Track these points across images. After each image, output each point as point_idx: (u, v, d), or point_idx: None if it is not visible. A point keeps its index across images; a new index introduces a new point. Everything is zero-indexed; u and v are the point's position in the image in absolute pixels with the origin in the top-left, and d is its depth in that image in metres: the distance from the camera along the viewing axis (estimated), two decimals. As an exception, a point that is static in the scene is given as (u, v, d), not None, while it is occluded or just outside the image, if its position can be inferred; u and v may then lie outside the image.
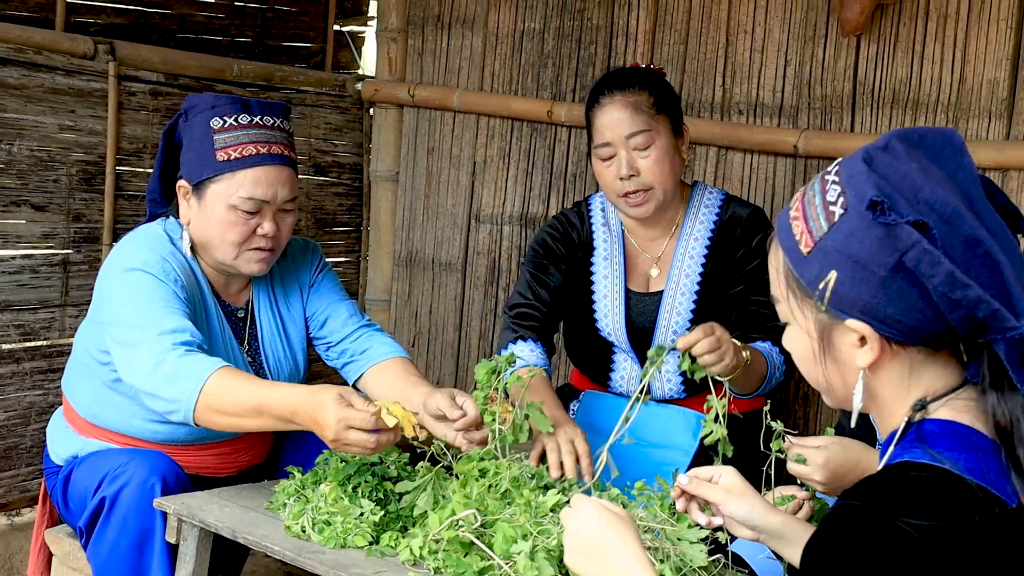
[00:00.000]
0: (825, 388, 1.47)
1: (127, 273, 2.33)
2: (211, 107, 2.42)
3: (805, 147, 3.22)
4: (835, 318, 1.37)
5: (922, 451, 1.32)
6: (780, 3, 3.30)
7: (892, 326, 1.33)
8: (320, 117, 4.08)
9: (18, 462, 3.29)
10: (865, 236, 1.31)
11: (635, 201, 2.62)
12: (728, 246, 2.71)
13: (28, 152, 3.22)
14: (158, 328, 2.23)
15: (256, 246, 2.42)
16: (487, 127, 3.93)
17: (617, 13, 3.60)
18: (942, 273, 1.26)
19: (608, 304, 2.76)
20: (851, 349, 1.38)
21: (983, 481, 1.28)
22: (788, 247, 1.41)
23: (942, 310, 1.29)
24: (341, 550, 1.99)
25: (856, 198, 1.32)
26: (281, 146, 2.44)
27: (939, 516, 1.24)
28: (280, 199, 2.42)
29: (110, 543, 2.28)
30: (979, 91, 2.99)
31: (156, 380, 2.19)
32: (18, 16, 3.32)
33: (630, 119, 2.59)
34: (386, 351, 2.61)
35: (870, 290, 1.32)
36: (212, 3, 3.83)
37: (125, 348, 2.27)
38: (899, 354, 1.37)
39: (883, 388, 1.40)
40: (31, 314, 3.29)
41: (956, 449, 1.31)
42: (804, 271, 1.38)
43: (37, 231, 3.28)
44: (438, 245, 4.09)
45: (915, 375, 1.38)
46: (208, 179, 2.39)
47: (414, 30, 4.08)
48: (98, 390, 2.46)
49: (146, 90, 3.49)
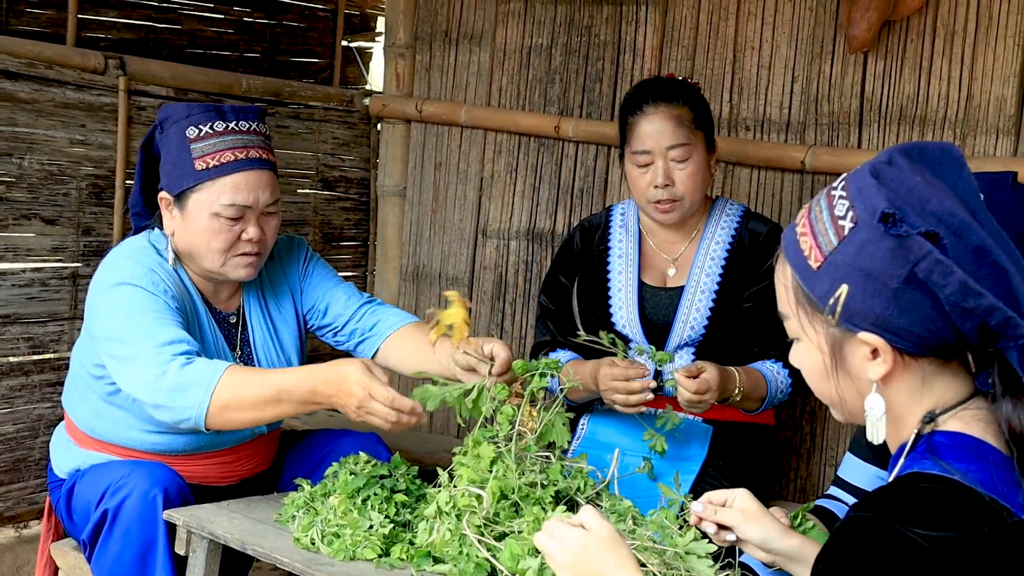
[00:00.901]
0: (837, 403, 1.47)
1: (116, 288, 2.33)
2: (185, 116, 2.42)
3: (812, 163, 3.22)
4: (847, 332, 1.37)
5: (932, 462, 1.32)
6: (787, 20, 3.31)
7: (904, 337, 1.34)
8: (328, 132, 4.10)
9: (27, 474, 3.30)
10: (877, 249, 1.32)
11: (664, 208, 2.72)
12: (745, 259, 2.78)
13: (39, 166, 3.24)
14: (154, 341, 2.24)
15: (242, 251, 2.42)
16: (494, 142, 3.94)
17: (625, 29, 3.61)
18: (955, 283, 1.27)
19: (623, 297, 2.82)
20: (863, 362, 1.38)
21: (993, 492, 1.29)
22: (797, 263, 1.42)
23: (954, 320, 1.30)
24: (351, 562, 1.99)
25: (866, 211, 1.33)
26: (259, 150, 2.44)
27: (949, 527, 1.24)
28: (262, 203, 2.42)
29: (113, 555, 2.28)
30: (987, 108, 3.00)
31: (162, 392, 2.20)
32: (30, 31, 3.35)
33: (672, 131, 2.68)
34: (396, 320, 2.63)
35: (882, 302, 1.32)
36: (221, 19, 3.86)
37: (121, 363, 2.27)
38: (911, 366, 1.37)
39: (895, 400, 1.40)
40: (40, 327, 3.30)
41: (966, 460, 1.32)
42: (814, 286, 1.38)
43: (47, 244, 3.29)
44: (445, 260, 4.09)
45: (927, 386, 1.38)
46: (189, 189, 2.39)
47: (422, 46, 4.10)
48: (94, 404, 2.46)
49: (156, 105, 3.50)
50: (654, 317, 2.80)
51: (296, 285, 2.67)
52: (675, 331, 2.76)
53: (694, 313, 2.75)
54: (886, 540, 1.25)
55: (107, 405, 2.44)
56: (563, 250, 2.99)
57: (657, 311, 2.80)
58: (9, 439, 3.25)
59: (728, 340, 2.74)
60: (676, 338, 2.75)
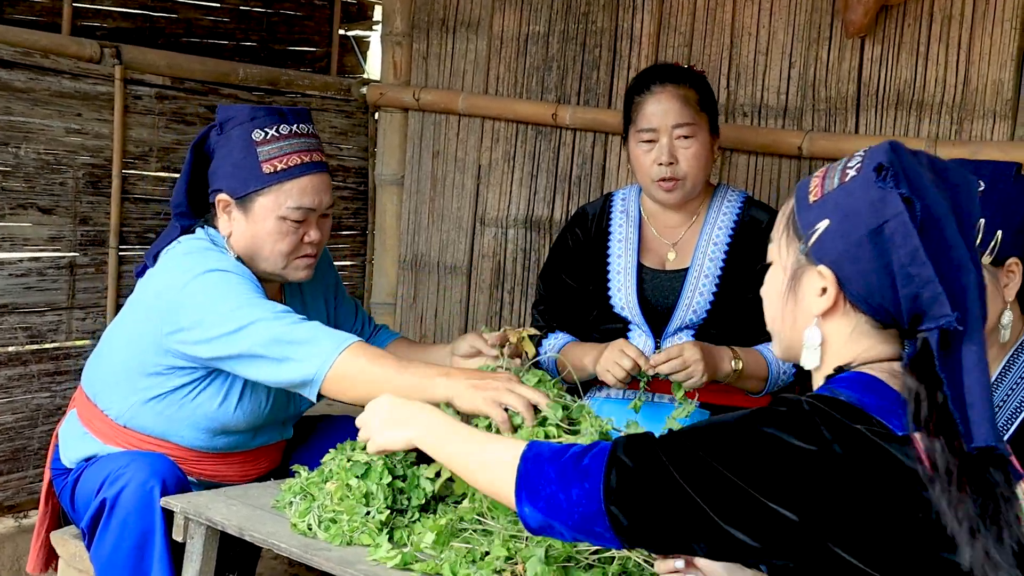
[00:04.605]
0: (779, 329, 1.60)
1: (207, 275, 2.31)
2: (250, 119, 2.42)
3: (809, 148, 3.22)
4: (810, 263, 1.50)
5: (825, 388, 1.46)
6: (784, 5, 3.31)
7: (852, 283, 1.46)
8: (325, 121, 4.09)
9: (25, 464, 3.30)
10: (863, 195, 1.45)
11: (667, 187, 2.75)
12: (747, 246, 2.80)
13: (35, 155, 3.23)
14: (271, 309, 2.25)
15: (303, 253, 2.46)
16: (492, 130, 3.94)
17: (622, 16, 3.61)
18: (910, 246, 1.39)
19: (622, 279, 2.84)
20: (812, 296, 1.50)
21: (874, 413, 1.39)
22: (799, 196, 1.56)
23: (897, 283, 1.41)
24: (347, 547, 1.99)
25: (869, 164, 1.46)
26: (319, 153, 2.48)
27: (817, 437, 1.36)
28: (324, 205, 2.46)
29: (111, 544, 2.29)
30: (984, 92, 3.00)
31: (291, 344, 2.18)
32: (25, 20, 3.34)
33: (679, 110, 2.72)
34: (389, 335, 2.79)
35: (847, 244, 1.45)
36: (218, 7, 3.85)
37: (231, 335, 2.23)
38: (849, 313, 1.48)
39: (828, 343, 1.51)
40: (38, 317, 3.30)
41: (856, 390, 1.42)
42: (804, 216, 1.52)
43: (44, 234, 3.29)
44: (443, 248, 4.09)
45: (855, 338, 1.49)
46: (255, 192, 2.40)
47: (419, 34, 4.10)
48: (141, 398, 2.43)
49: (152, 94, 3.51)
50: (654, 300, 2.82)
51: (331, 299, 2.73)
52: (677, 313, 2.77)
53: (697, 296, 2.77)
54: (750, 437, 1.39)
55: (156, 401, 2.41)
56: (561, 237, 3.01)
57: (657, 293, 2.82)
58: (8, 429, 3.25)
59: (728, 325, 2.75)
60: (678, 320, 2.77)
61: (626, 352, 2.56)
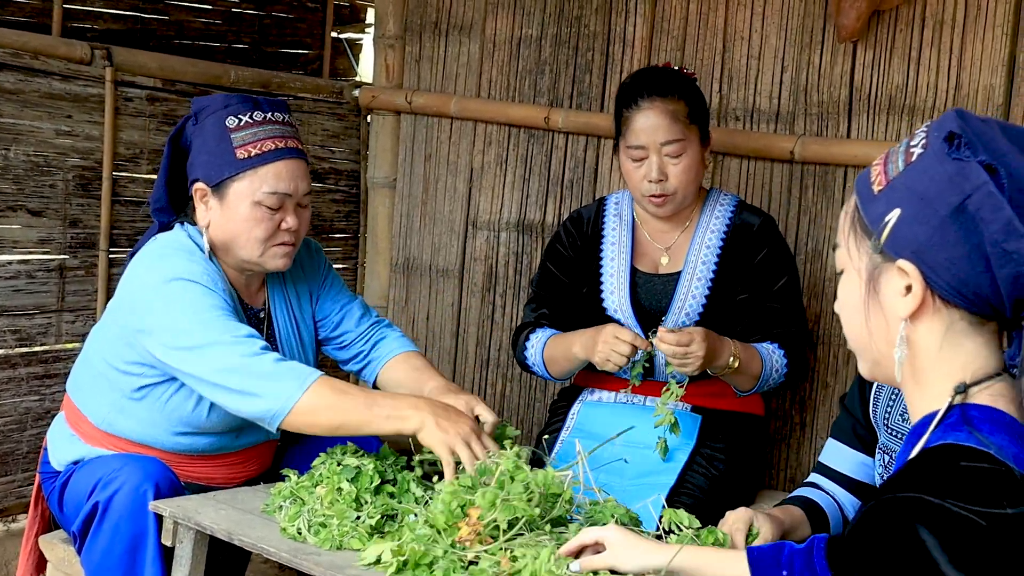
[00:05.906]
0: (864, 345, 1.43)
1: (171, 283, 2.30)
2: (224, 107, 2.42)
3: (801, 153, 3.22)
4: (887, 259, 1.35)
5: (967, 434, 1.29)
6: (777, 10, 3.31)
7: (940, 274, 1.31)
8: (317, 124, 4.08)
9: (14, 468, 3.28)
10: (936, 172, 1.30)
11: (657, 202, 2.75)
12: (739, 250, 2.80)
13: (24, 157, 3.22)
14: (232, 332, 2.24)
15: (280, 241, 2.44)
16: (484, 134, 3.93)
17: (614, 20, 3.60)
18: (1002, 219, 1.24)
19: (615, 282, 2.84)
20: (895, 297, 1.35)
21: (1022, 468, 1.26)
22: (860, 189, 1.42)
23: (992, 265, 1.27)
24: (337, 552, 1.98)
25: (937, 136, 1.32)
26: (295, 140, 2.47)
27: (1002, 504, 1.20)
28: (300, 192, 2.44)
29: (103, 548, 2.28)
30: (975, 97, 3.00)
31: (252, 377, 2.19)
32: (15, 21, 3.33)
33: (667, 127, 2.69)
34: (395, 346, 2.69)
35: (927, 231, 1.30)
36: (210, 9, 3.84)
37: (190, 351, 2.24)
38: (941, 311, 1.34)
39: (920, 346, 1.35)
40: (27, 319, 3.28)
41: (1000, 434, 1.28)
42: (870, 209, 1.38)
43: (33, 236, 3.27)
44: (435, 252, 4.08)
45: (954, 341, 1.34)
46: (229, 178, 2.39)
47: (411, 37, 4.09)
48: (116, 400, 2.43)
49: (143, 96, 3.49)
50: (647, 303, 2.83)
51: (316, 290, 2.69)
52: (670, 317, 2.78)
53: (690, 300, 2.78)
54: (940, 518, 1.20)
55: (132, 402, 2.41)
56: (556, 238, 3.01)
57: (650, 297, 2.83)
58: (-4, 432, 3.24)
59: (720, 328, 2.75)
60: (670, 323, 2.77)
61: (621, 338, 2.55)
